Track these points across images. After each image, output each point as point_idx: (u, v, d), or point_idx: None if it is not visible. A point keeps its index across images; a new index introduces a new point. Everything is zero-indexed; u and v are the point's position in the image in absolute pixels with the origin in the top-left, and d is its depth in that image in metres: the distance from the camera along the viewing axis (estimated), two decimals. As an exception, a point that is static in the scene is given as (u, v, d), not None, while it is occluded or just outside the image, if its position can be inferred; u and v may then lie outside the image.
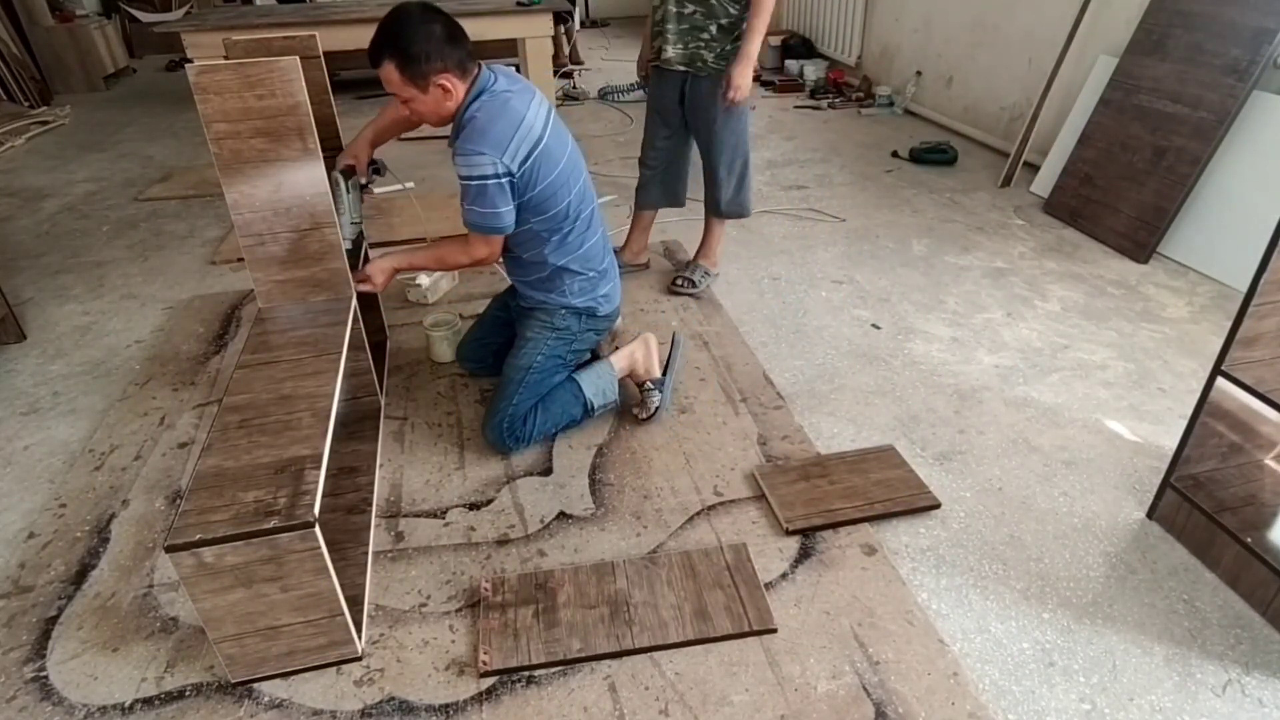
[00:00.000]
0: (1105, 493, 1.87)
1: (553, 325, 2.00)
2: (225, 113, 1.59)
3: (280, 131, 1.64)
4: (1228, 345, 1.54)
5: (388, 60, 1.70)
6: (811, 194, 3.66)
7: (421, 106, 1.77)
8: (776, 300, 2.74)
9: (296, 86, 1.61)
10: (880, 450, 1.98)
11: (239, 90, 1.58)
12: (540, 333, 1.99)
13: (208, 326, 2.60)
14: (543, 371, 1.99)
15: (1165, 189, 2.93)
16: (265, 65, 1.58)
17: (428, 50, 1.69)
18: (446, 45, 1.71)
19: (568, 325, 2.01)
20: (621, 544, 1.73)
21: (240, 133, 1.62)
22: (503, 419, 1.95)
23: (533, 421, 1.97)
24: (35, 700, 1.41)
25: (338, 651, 1.45)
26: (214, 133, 1.60)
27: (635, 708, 1.38)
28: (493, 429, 1.96)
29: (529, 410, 1.97)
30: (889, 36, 5.05)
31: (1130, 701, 1.39)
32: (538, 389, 1.99)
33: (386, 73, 1.71)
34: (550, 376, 2.01)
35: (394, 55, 1.69)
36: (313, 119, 1.65)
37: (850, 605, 1.57)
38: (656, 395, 2.09)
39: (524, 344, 2.00)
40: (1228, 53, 2.79)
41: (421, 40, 1.69)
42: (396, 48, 1.69)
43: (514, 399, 1.95)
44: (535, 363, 1.97)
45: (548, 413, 2.00)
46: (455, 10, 3.68)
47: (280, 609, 1.35)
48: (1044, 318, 2.61)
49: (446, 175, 3.94)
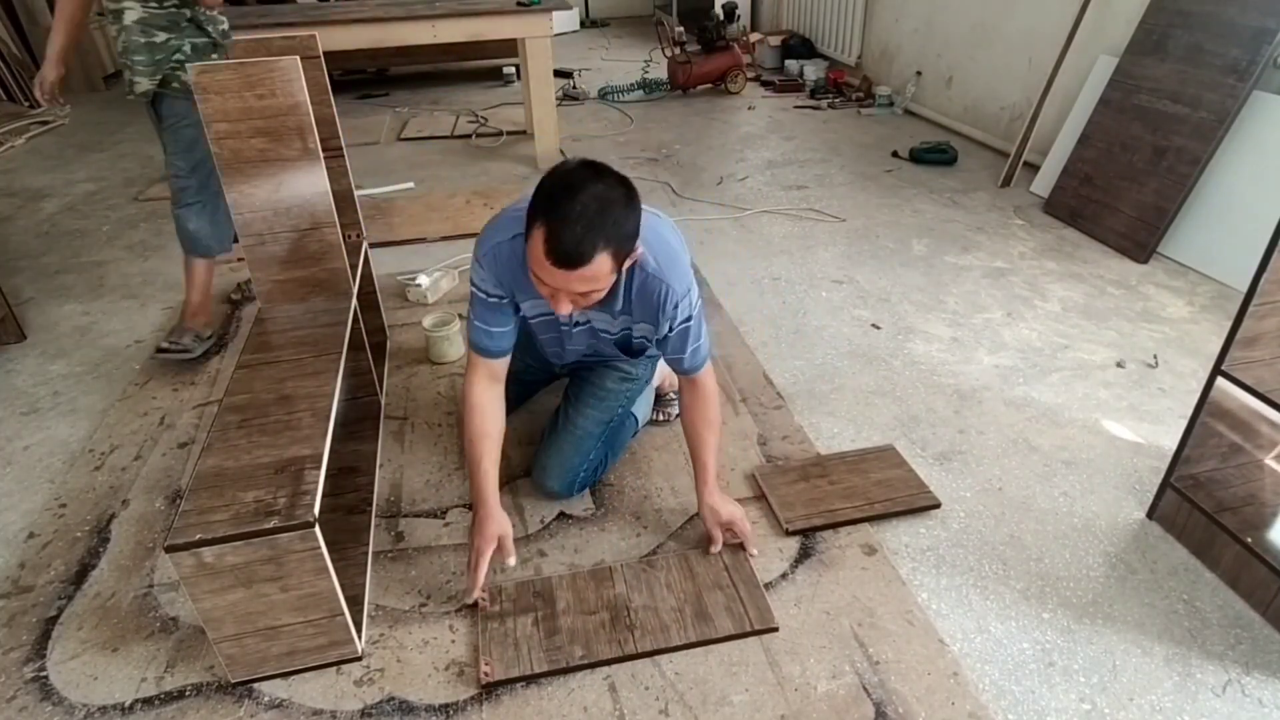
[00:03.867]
0: (1105, 493, 1.87)
1: (634, 376, 1.87)
2: (225, 112, 1.59)
3: (280, 131, 1.64)
4: (1228, 345, 1.53)
5: (601, 253, 1.27)
6: (811, 194, 3.66)
7: (602, 295, 1.39)
8: (776, 300, 2.74)
9: (297, 86, 1.61)
10: (880, 450, 1.98)
11: (239, 90, 1.58)
12: (620, 384, 1.85)
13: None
14: (621, 421, 1.89)
15: (1165, 189, 2.93)
16: (265, 65, 1.58)
17: (636, 223, 1.34)
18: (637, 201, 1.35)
19: (646, 373, 1.92)
20: (621, 544, 1.73)
21: (240, 132, 1.62)
22: (577, 476, 1.80)
23: (602, 469, 1.88)
24: (35, 700, 1.41)
25: (338, 651, 1.45)
26: (214, 132, 1.61)
27: (635, 708, 1.38)
28: (564, 484, 1.80)
29: (601, 460, 1.86)
30: (889, 37, 5.05)
31: (1130, 701, 1.39)
32: (611, 439, 1.88)
33: (595, 270, 1.28)
34: (624, 422, 1.90)
35: (609, 243, 1.28)
36: (313, 119, 1.65)
37: (850, 605, 1.57)
38: (676, 402, 2.09)
39: (602, 396, 1.84)
40: (1228, 53, 2.79)
41: (631, 214, 1.32)
42: (614, 235, 1.29)
43: (590, 454, 1.81)
44: (616, 415, 1.85)
45: (613, 453, 1.91)
46: (455, 10, 3.70)
47: (280, 609, 1.35)
48: (1044, 318, 2.61)
49: (446, 175, 3.95)
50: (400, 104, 5.26)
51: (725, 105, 5.14)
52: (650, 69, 5.75)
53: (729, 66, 5.28)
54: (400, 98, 5.41)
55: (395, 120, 4.93)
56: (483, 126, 4.70)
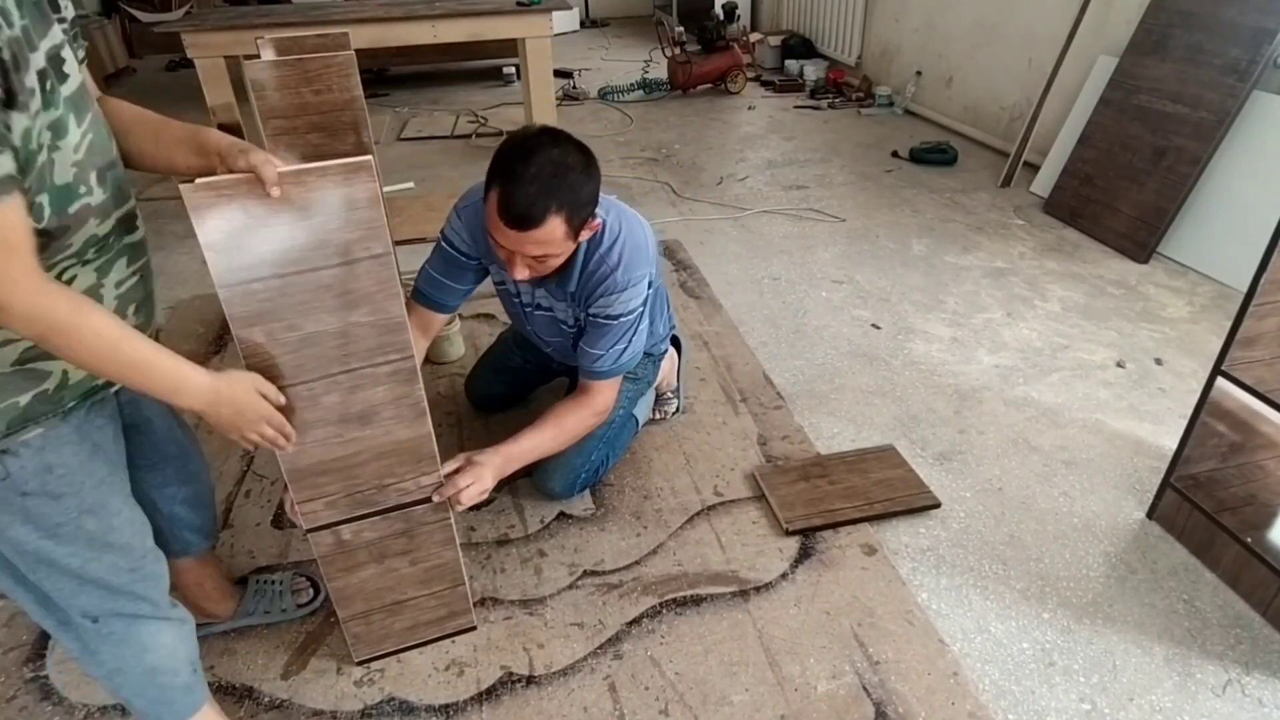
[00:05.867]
0: (1105, 493, 1.87)
1: (635, 377, 1.84)
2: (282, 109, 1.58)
3: (336, 126, 1.63)
4: (1228, 345, 1.53)
5: (554, 215, 1.29)
6: (811, 194, 3.66)
7: (558, 261, 1.41)
8: (776, 300, 2.74)
9: (353, 81, 1.61)
10: (880, 450, 1.98)
11: (297, 85, 1.57)
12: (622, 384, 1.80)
13: (208, 327, 2.59)
14: (622, 422, 1.86)
15: (1165, 189, 2.93)
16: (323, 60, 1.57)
17: (593, 189, 1.35)
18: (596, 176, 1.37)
19: (648, 374, 1.89)
20: (621, 544, 1.73)
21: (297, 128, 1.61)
22: (579, 476, 1.80)
23: (603, 469, 1.87)
24: (35, 700, 1.41)
25: (456, 622, 1.48)
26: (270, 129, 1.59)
27: (635, 708, 1.38)
28: (565, 484, 1.79)
29: (601, 461, 1.85)
30: (889, 36, 5.05)
31: (1130, 701, 1.39)
32: (613, 440, 1.86)
33: (547, 233, 1.30)
34: (625, 423, 1.89)
35: (563, 207, 1.29)
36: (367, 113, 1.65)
37: (850, 605, 1.57)
38: (674, 401, 2.10)
39: None
40: (1228, 53, 2.79)
41: (587, 180, 1.33)
42: (567, 198, 1.30)
43: (591, 455, 1.80)
44: (618, 416, 1.81)
45: (614, 453, 1.89)
46: (455, 10, 3.70)
47: (407, 582, 1.38)
48: (1044, 318, 2.61)
49: (446, 175, 3.94)
50: (400, 104, 5.27)
51: (725, 105, 5.14)
52: (650, 69, 5.75)
53: (729, 66, 5.28)
54: (400, 97, 5.41)
55: (395, 120, 4.93)
56: (483, 126, 4.70)
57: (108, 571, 1.05)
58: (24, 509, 0.95)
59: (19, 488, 0.93)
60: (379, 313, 1.08)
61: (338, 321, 1.07)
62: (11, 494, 0.93)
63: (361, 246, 1.02)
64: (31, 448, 0.93)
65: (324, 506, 1.23)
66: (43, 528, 0.97)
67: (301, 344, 1.07)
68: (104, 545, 1.03)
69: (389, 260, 1.04)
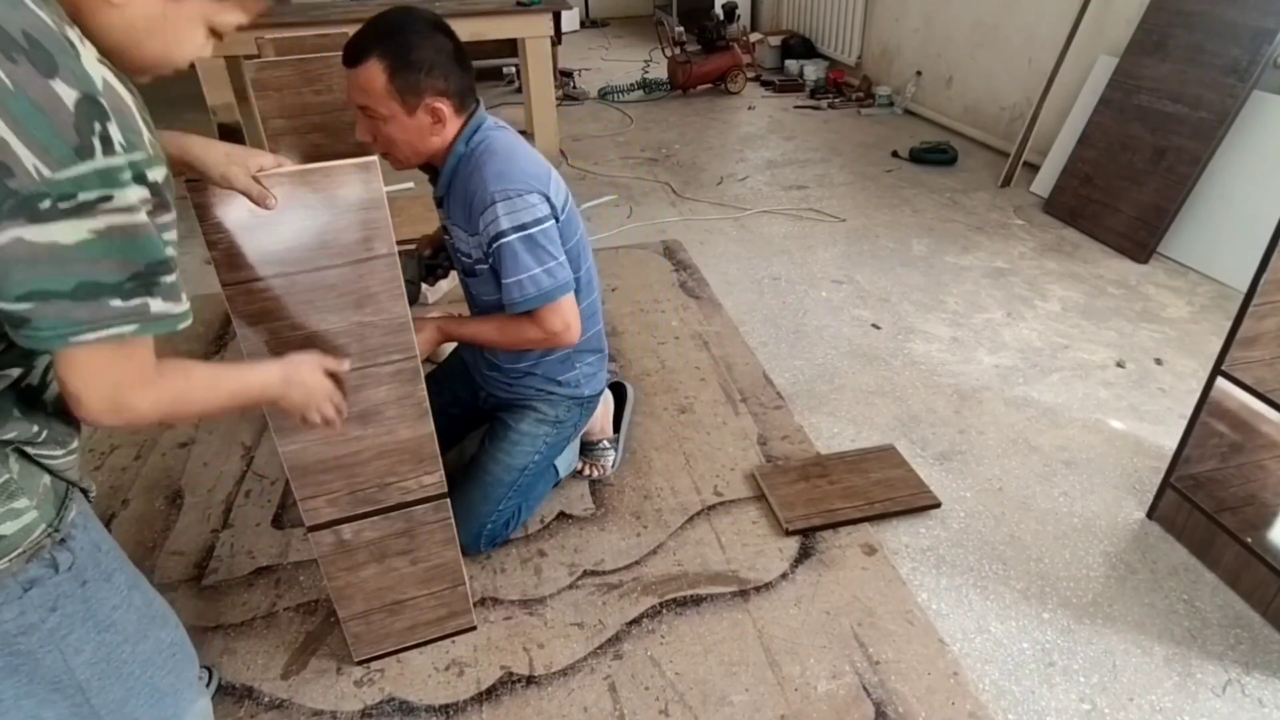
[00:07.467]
0: (1105, 493, 1.87)
1: (554, 419, 1.70)
2: (284, 109, 1.58)
3: (336, 126, 1.63)
4: (1228, 345, 1.54)
5: (375, 59, 1.31)
6: (811, 194, 3.66)
7: (397, 131, 1.38)
8: (776, 300, 2.74)
9: None
10: (880, 450, 1.98)
11: (298, 86, 1.57)
12: (537, 427, 1.68)
13: (208, 327, 2.59)
14: (536, 472, 1.70)
15: (1165, 189, 2.93)
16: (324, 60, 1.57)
17: (431, 60, 1.35)
18: (454, 65, 1.39)
19: (570, 418, 1.73)
20: (621, 544, 1.73)
21: (298, 128, 1.61)
22: (484, 527, 1.64)
23: (515, 522, 1.71)
24: None
25: (455, 622, 1.48)
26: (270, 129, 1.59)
27: (635, 708, 1.38)
28: (471, 537, 1.61)
29: (513, 513, 1.69)
30: (889, 36, 5.05)
31: (1130, 701, 1.39)
32: (527, 490, 1.70)
33: (367, 76, 1.32)
34: (543, 473, 1.73)
35: (386, 54, 1.31)
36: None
37: (850, 605, 1.57)
38: (611, 453, 1.94)
39: (515, 440, 1.66)
40: (1228, 53, 2.79)
41: (427, 47, 1.35)
42: (392, 46, 1.32)
43: (500, 504, 1.64)
44: (531, 463, 1.67)
45: (528, 506, 1.74)
46: (455, 10, 3.70)
47: (408, 582, 1.39)
48: (1044, 318, 2.61)
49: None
50: (400, 104, 5.26)
51: (725, 105, 5.14)
52: (650, 69, 5.75)
53: (729, 66, 5.28)
54: (400, 97, 5.40)
55: (395, 120, 4.92)
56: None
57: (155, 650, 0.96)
58: (84, 601, 0.86)
59: (81, 575, 0.85)
60: (383, 312, 1.09)
61: (342, 321, 1.07)
62: (74, 586, 0.85)
63: (366, 246, 1.03)
64: (79, 527, 0.86)
65: (326, 504, 1.24)
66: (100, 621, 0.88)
67: (305, 343, 1.07)
68: (151, 618, 0.96)
69: (393, 260, 1.05)
